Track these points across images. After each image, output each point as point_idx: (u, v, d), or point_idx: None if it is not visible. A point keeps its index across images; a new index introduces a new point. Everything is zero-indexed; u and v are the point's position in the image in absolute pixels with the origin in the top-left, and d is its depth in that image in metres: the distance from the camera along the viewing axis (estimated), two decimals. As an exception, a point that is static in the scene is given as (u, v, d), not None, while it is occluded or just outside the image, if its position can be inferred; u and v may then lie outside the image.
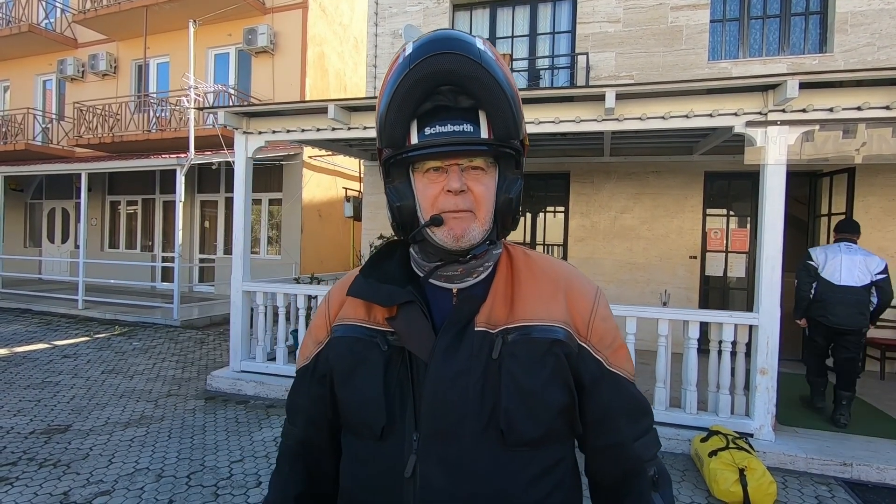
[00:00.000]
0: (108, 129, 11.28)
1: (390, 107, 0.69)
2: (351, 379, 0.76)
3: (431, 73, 0.66)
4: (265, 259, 10.45)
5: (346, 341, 0.77)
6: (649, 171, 6.62)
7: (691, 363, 3.83)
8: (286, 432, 0.89)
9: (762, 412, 3.62)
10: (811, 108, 3.47)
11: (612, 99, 3.69)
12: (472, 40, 0.68)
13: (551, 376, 0.71)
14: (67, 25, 12.42)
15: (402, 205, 0.73)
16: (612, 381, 0.77)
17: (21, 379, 5.08)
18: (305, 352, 0.86)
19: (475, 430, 0.69)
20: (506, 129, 0.70)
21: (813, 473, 3.39)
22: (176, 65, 11.16)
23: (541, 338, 0.72)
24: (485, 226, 0.72)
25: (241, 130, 5.02)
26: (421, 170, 0.72)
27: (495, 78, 0.67)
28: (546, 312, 0.74)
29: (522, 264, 0.80)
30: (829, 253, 4.09)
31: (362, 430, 0.74)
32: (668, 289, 6.36)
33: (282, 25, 10.29)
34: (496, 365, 0.70)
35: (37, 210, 13.45)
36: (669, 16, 6.43)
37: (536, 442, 0.71)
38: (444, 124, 0.68)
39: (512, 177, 0.74)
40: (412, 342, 0.72)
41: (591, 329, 0.76)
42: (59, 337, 7.02)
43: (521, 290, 0.76)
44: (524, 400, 0.69)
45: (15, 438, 3.64)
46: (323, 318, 0.84)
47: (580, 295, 0.78)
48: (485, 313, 0.74)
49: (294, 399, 0.87)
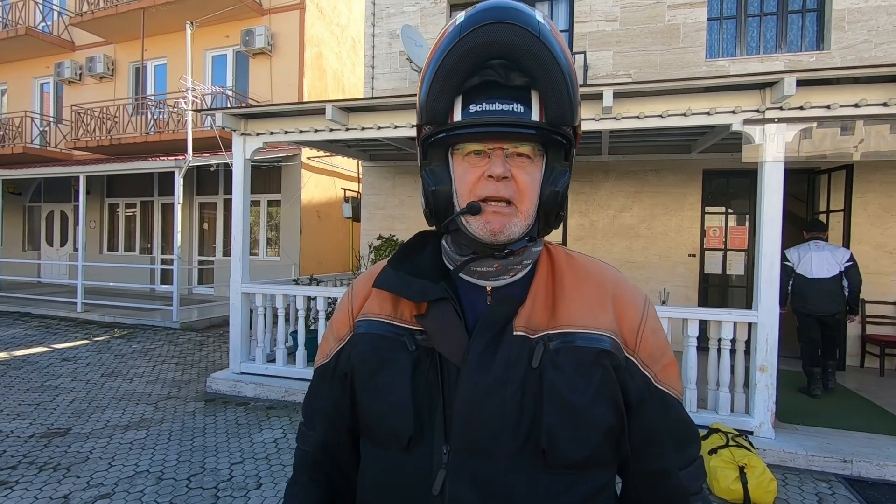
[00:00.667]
0: (106, 132, 11.27)
1: (435, 78, 0.63)
2: (374, 381, 0.68)
3: (484, 44, 0.60)
4: (264, 260, 10.44)
5: (369, 338, 0.70)
6: (648, 170, 6.63)
7: (691, 361, 3.84)
8: (304, 438, 0.80)
9: (762, 410, 3.63)
10: (809, 105, 3.47)
11: (609, 98, 3.69)
12: (531, 11, 0.62)
13: (598, 391, 0.63)
14: (64, 28, 12.41)
15: (437, 189, 0.66)
16: (660, 400, 0.69)
17: (20, 382, 5.08)
18: (325, 349, 0.79)
19: (512, 448, 0.61)
20: (561, 112, 0.63)
21: (813, 470, 3.39)
22: (173, 67, 11.15)
23: (586, 347, 0.64)
24: (527, 220, 0.65)
25: (239, 132, 5.02)
26: (461, 152, 0.66)
27: (553, 54, 0.60)
28: (592, 319, 0.66)
29: (565, 265, 0.72)
30: (801, 251, 4.64)
31: (386, 438, 0.66)
32: (667, 287, 6.36)
33: (279, 26, 10.29)
34: (536, 375, 0.63)
35: (35, 213, 13.44)
36: (667, 14, 6.44)
37: (580, 465, 0.62)
38: (492, 102, 0.62)
39: (560, 168, 0.67)
40: (443, 344, 0.65)
41: (640, 341, 0.68)
42: (58, 340, 7.01)
43: (565, 294, 0.68)
44: (569, 416, 0.61)
45: (15, 442, 3.64)
46: (345, 313, 0.77)
47: (630, 303, 0.70)
48: (524, 316, 0.66)
49: (313, 401, 0.80)
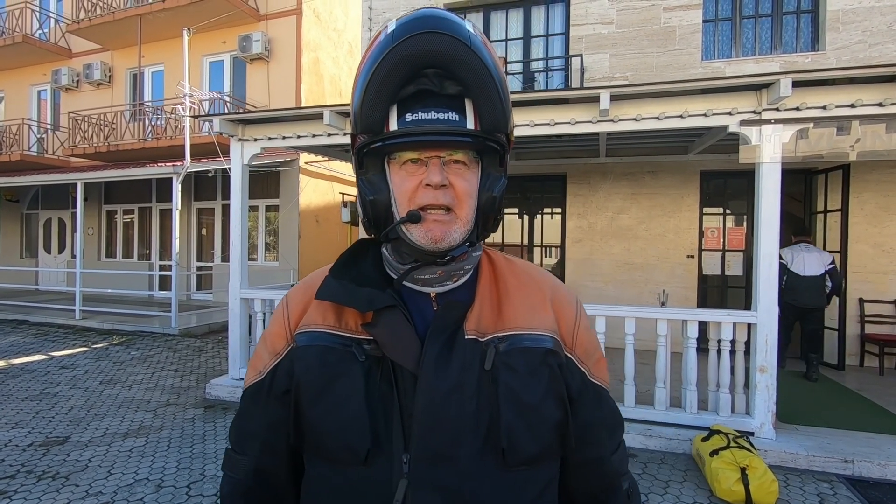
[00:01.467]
0: (104, 139, 11.26)
1: (369, 87, 0.62)
2: (325, 396, 0.65)
3: (417, 54, 0.60)
4: (263, 265, 10.43)
5: (314, 351, 0.68)
6: (645, 172, 6.64)
7: (691, 363, 3.83)
8: (233, 464, 0.75)
9: (762, 410, 3.62)
10: (805, 106, 3.49)
11: (606, 100, 3.70)
12: (462, 21, 0.63)
13: (547, 389, 0.66)
14: (61, 35, 12.41)
15: (375, 198, 0.66)
16: (595, 392, 0.74)
17: (19, 391, 5.05)
18: (258, 365, 0.74)
19: (473, 450, 0.62)
20: (494, 120, 0.64)
21: (814, 471, 3.39)
22: (171, 73, 11.16)
23: (534, 347, 0.67)
24: (466, 225, 0.66)
25: (236, 137, 5.02)
26: (398, 161, 0.66)
27: (485, 64, 0.61)
28: (537, 321, 0.70)
29: (507, 270, 0.75)
30: (794, 252, 5.25)
31: (341, 454, 0.64)
32: (666, 288, 6.37)
33: (276, 32, 10.31)
34: (490, 377, 0.65)
35: (33, 220, 13.41)
36: (662, 16, 6.46)
37: (534, 460, 0.66)
38: (427, 111, 0.62)
39: (496, 174, 0.68)
40: (396, 351, 0.64)
41: (576, 339, 0.73)
42: (56, 348, 6.99)
43: (510, 297, 0.71)
44: (524, 415, 0.64)
45: (13, 451, 3.62)
46: (281, 326, 0.73)
47: (566, 304, 0.74)
48: (473, 319, 0.68)
49: (244, 423, 0.75)
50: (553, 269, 7.24)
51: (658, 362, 3.90)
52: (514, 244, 7.53)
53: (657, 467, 3.45)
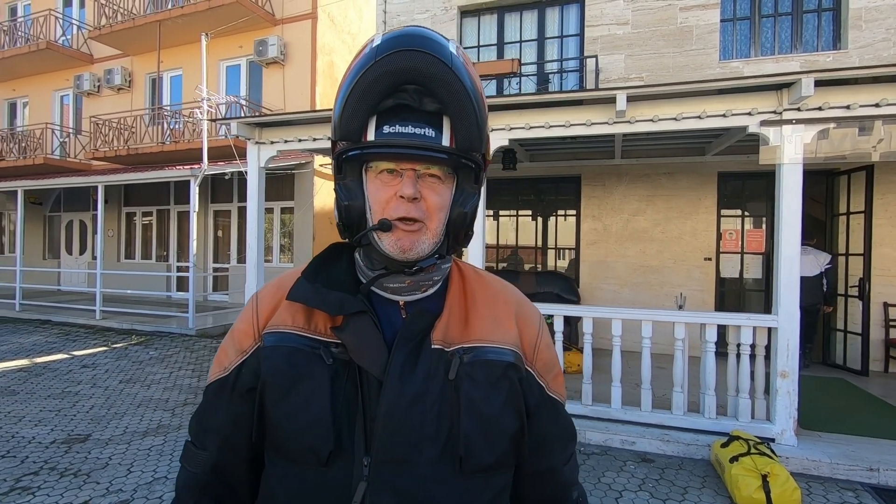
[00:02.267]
0: (124, 142, 11.49)
1: (350, 96, 0.64)
2: (290, 396, 0.66)
3: (398, 69, 0.62)
4: (278, 267, 10.53)
5: (282, 352, 0.68)
6: (661, 173, 6.56)
7: (709, 367, 3.77)
8: (191, 458, 0.74)
9: (784, 416, 3.55)
10: (827, 105, 3.42)
11: (623, 101, 3.67)
12: (445, 42, 0.65)
13: (506, 401, 0.69)
14: (83, 42, 12.71)
15: (350, 204, 0.68)
16: (552, 406, 0.76)
17: (42, 389, 5.17)
18: (224, 361, 0.75)
19: (431, 456, 0.64)
20: (469, 139, 0.66)
21: (838, 479, 3.31)
22: (189, 77, 11.35)
23: (496, 360, 0.69)
24: (435, 238, 0.68)
25: (253, 140, 5.08)
26: (374, 170, 0.68)
27: (464, 84, 0.64)
28: (501, 334, 0.72)
29: (476, 283, 0.77)
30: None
31: (302, 454, 0.65)
32: (683, 291, 6.28)
33: (292, 36, 10.42)
34: (452, 386, 0.67)
35: (55, 222, 13.72)
36: (679, 16, 6.39)
37: (490, 468, 0.68)
38: (404, 125, 0.64)
39: (470, 191, 0.70)
40: (363, 357, 0.66)
41: (536, 354, 0.75)
42: (77, 347, 7.13)
43: (478, 310, 0.73)
44: (482, 425, 0.66)
45: (37, 448, 3.70)
46: (249, 324, 0.74)
47: (529, 320, 0.77)
48: (440, 330, 0.69)
49: (205, 419, 0.75)
50: (567, 271, 7.19)
51: (675, 366, 3.84)
52: (527, 246, 7.50)
53: (675, 473, 3.40)
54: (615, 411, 3.94)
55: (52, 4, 13.27)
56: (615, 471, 3.42)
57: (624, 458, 3.63)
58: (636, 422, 3.89)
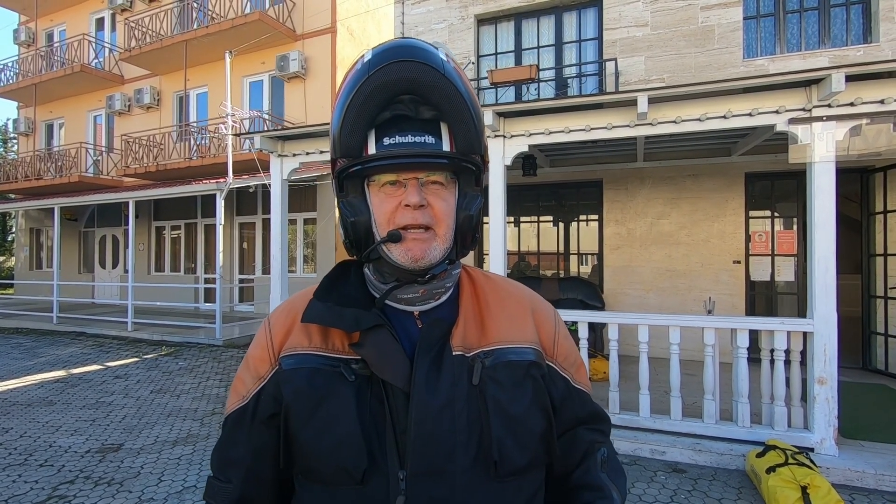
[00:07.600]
0: (153, 159, 11.88)
1: (347, 113, 0.65)
2: (315, 417, 0.65)
3: (392, 81, 0.63)
4: (302, 277, 10.68)
5: (302, 373, 0.67)
6: (685, 175, 6.43)
7: (742, 374, 3.65)
8: (216, 492, 0.72)
9: (823, 424, 3.40)
10: (860, 101, 3.30)
11: (644, 103, 3.61)
12: (434, 50, 0.66)
13: (532, 400, 0.69)
14: (115, 63, 13.23)
15: (356, 220, 0.68)
16: (578, 397, 0.78)
17: (77, 399, 5.33)
18: (241, 390, 0.73)
19: (466, 464, 0.64)
20: (468, 142, 0.67)
21: (884, 491, 3.15)
22: (214, 94, 11.69)
23: (518, 360, 0.70)
24: (445, 243, 0.68)
25: (276, 153, 5.18)
26: (377, 184, 0.68)
27: (457, 89, 0.64)
28: (519, 334, 0.72)
29: (486, 286, 0.77)
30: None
31: (337, 476, 0.64)
32: (711, 295, 6.12)
33: (312, 50, 10.64)
34: (477, 391, 0.67)
35: (89, 238, 14.23)
36: (700, 16, 6.29)
37: (524, 470, 0.68)
38: (404, 135, 0.65)
39: (472, 193, 0.70)
40: (386, 370, 0.65)
41: (556, 347, 0.76)
42: (111, 358, 7.34)
43: (491, 312, 0.73)
44: (512, 427, 0.66)
45: (73, 457, 3.81)
46: (264, 349, 0.73)
47: (545, 315, 0.78)
48: (458, 336, 0.69)
49: (226, 451, 0.73)
50: (590, 277, 7.09)
51: (706, 373, 3.73)
52: (549, 252, 7.43)
53: (708, 484, 3.29)
54: (644, 420, 3.84)
55: (86, 29, 13.88)
56: (645, 481, 3.33)
57: (654, 468, 3.53)
58: (666, 430, 3.78)
